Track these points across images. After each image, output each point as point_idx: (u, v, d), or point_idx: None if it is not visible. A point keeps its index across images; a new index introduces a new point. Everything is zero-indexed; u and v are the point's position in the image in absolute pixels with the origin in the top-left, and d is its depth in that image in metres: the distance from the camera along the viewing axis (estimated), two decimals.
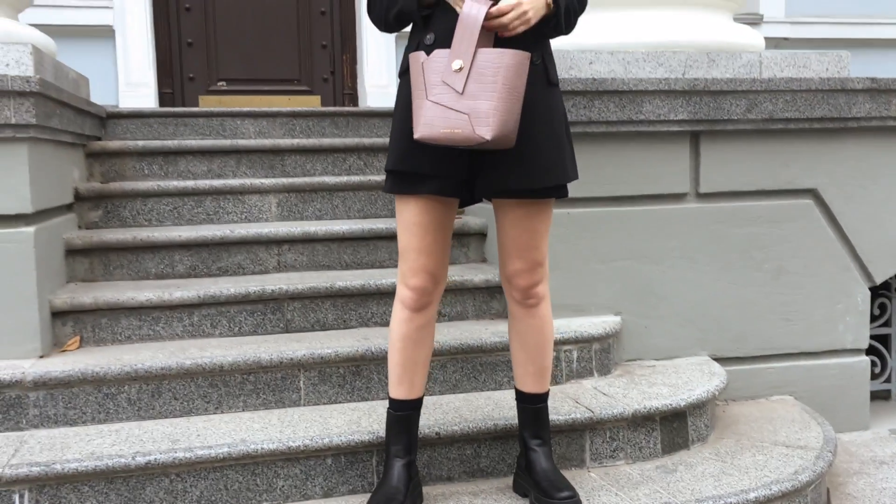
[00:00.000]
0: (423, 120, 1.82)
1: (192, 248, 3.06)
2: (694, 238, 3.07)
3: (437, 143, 1.83)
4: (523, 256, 2.10)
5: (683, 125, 2.98)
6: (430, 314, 2.16)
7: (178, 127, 3.88)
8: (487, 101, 1.82)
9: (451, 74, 1.83)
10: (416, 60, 1.88)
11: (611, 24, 3.12)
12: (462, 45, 1.84)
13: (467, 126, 1.81)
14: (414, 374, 2.17)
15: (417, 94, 1.86)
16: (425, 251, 2.07)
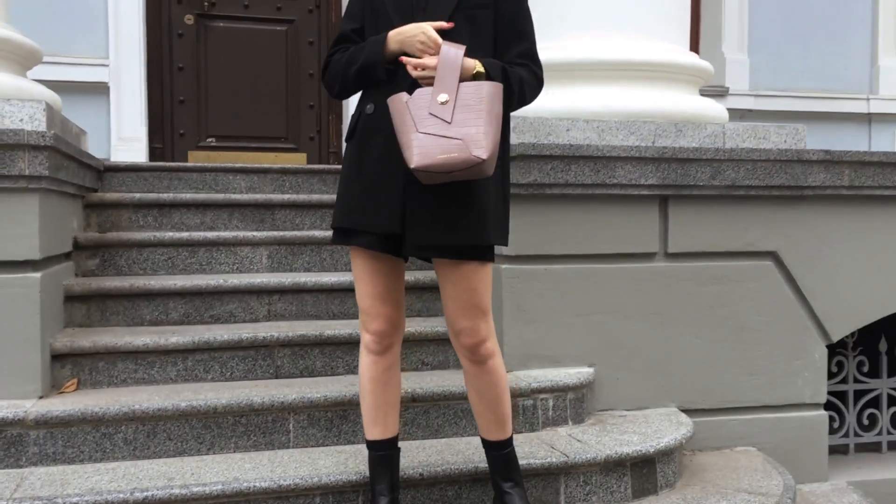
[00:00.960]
0: (416, 151, 1.94)
1: (186, 297, 3.20)
2: (663, 295, 3.26)
3: (435, 170, 1.94)
4: (464, 314, 2.17)
5: (653, 189, 3.20)
6: (394, 356, 2.33)
7: (171, 181, 4.05)
8: (476, 127, 1.99)
9: (438, 107, 1.99)
10: (398, 100, 2.00)
11: (586, 96, 3.36)
12: (446, 81, 2.01)
13: (464, 149, 1.95)
14: (387, 415, 2.32)
15: (404, 129, 1.98)
16: (379, 297, 2.24)
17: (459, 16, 2.11)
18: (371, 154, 2.16)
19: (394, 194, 2.11)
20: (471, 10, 2.13)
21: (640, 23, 3.46)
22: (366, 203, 2.15)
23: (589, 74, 3.41)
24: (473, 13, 2.13)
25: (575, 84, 3.40)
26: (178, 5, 5.52)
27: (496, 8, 2.16)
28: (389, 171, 2.12)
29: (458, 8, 2.11)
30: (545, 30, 3.42)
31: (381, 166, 2.13)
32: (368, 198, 2.15)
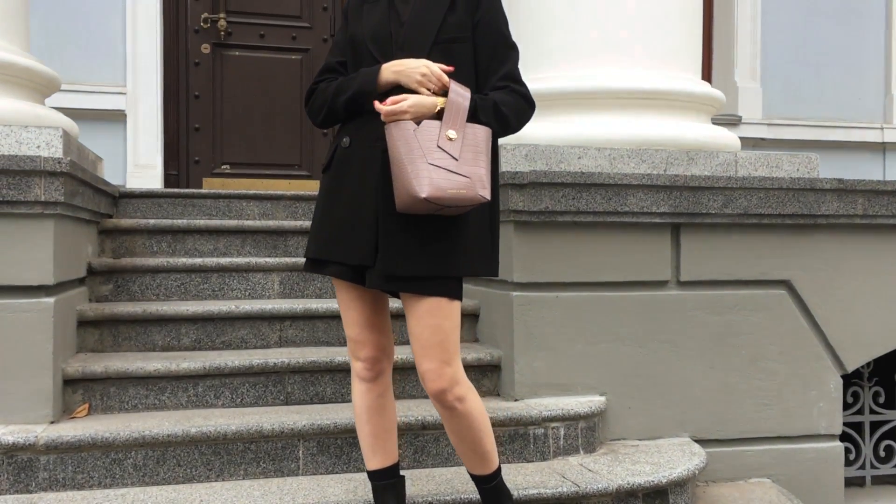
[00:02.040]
0: (427, 181, 1.94)
1: (198, 322, 3.21)
2: (675, 323, 3.24)
3: (440, 203, 1.96)
4: (427, 355, 2.09)
5: (665, 217, 3.20)
6: (386, 382, 2.31)
7: (185, 207, 4.08)
8: (482, 168, 2.04)
9: (447, 142, 2.01)
10: (405, 129, 2.00)
11: (598, 124, 3.37)
12: (455, 120, 2.04)
13: (471, 188, 1.99)
14: (385, 441, 2.31)
15: (411, 158, 1.97)
16: (367, 325, 2.24)
17: (436, 50, 2.12)
18: (346, 186, 2.16)
19: (367, 226, 2.10)
20: (447, 45, 2.13)
21: (652, 51, 3.48)
22: (339, 234, 2.14)
23: (600, 103, 3.43)
24: (450, 47, 2.13)
25: (586, 112, 3.41)
26: (195, 35, 5.60)
27: (475, 39, 2.16)
28: (363, 204, 2.11)
29: (435, 42, 2.12)
30: (556, 59, 3.47)
31: (356, 198, 2.13)
32: (342, 229, 2.14)
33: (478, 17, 2.15)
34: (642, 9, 3.46)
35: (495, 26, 2.18)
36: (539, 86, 3.46)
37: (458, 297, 2.12)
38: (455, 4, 2.15)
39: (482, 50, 2.16)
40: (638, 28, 3.45)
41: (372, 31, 2.19)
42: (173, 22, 5.55)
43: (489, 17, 2.17)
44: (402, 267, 2.06)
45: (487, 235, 2.15)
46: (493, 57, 2.16)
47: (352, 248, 2.12)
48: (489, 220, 2.17)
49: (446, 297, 2.09)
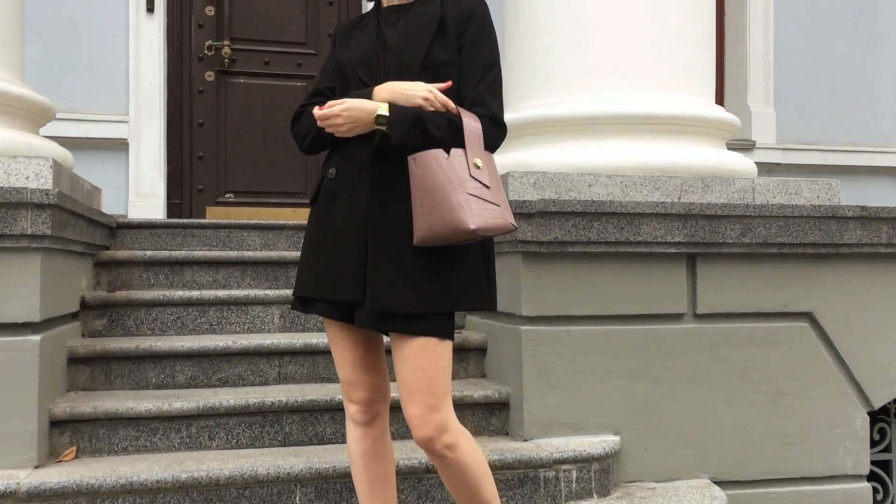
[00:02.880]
0: (468, 213, 1.84)
1: (193, 359, 3.08)
2: (692, 358, 3.09)
3: (487, 233, 1.88)
4: (412, 400, 1.95)
5: (680, 247, 3.06)
6: (383, 426, 2.17)
7: (185, 238, 3.97)
8: (501, 195, 1.95)
9: (476, 171, 1.92)
10: (438, 158, 1.89)
11: (609, 150, 3.24)
12: (476, 149, 1.95)
13: (505, 217, 1.91)
14: (383, 490, 2.16)
15: (450, 188, 1.87)
16: (360, 366, 2.11)
17: (423, 74, 2.01)
18: (333, 220, 2.05)
19: (356, 262, 1.98)
20: (435, 69, 2.02)
21: (664, 75, 3.36)
22: (327, 270, 2.03)
23: (611, 128, 3.31)
24: (437, 70, 2.02)
25: (597, 138, 3.29)
26: (199, 62, 5.53)
27: (461, 61, 2.05)
28: (351, 238, 2.00)
29: (422, 67, 2.02)
30: (564, 83, 3.36)
31: (344, 233, 2.02)
32: (330, 265, 2.03)
33: (464, 39, 2.05)
34: (653, 31, 3.34)
35: (478, 48, 2.05)
36: (546, 111, 3.36)
37: (448, 336, 1.98)
38: (444, 27, 2.04)
39: (463, 71, 2.04)
40: (649, 51, 3.34)
41: (360, 56, 2.09)
42: (177, 49, 5.49)
43: (474, 39, 2.05)
44: (391, 304, 1.93)
45: (481, 268, 2.01)
46: (469, 79, 2.04)
47: (340, 284, 2.01)
48: (481, 251, 2.03)
49: (435, 336, 1.94)
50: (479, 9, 2.07)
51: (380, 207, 1.97)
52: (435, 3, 2.07)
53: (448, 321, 1.97)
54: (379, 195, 1.97)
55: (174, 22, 5.48)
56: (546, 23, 3.44)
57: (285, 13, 5.64)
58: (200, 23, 5.52)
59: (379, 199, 1.97)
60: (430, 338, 1.94)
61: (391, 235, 1.95)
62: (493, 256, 2.09)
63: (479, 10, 2.07)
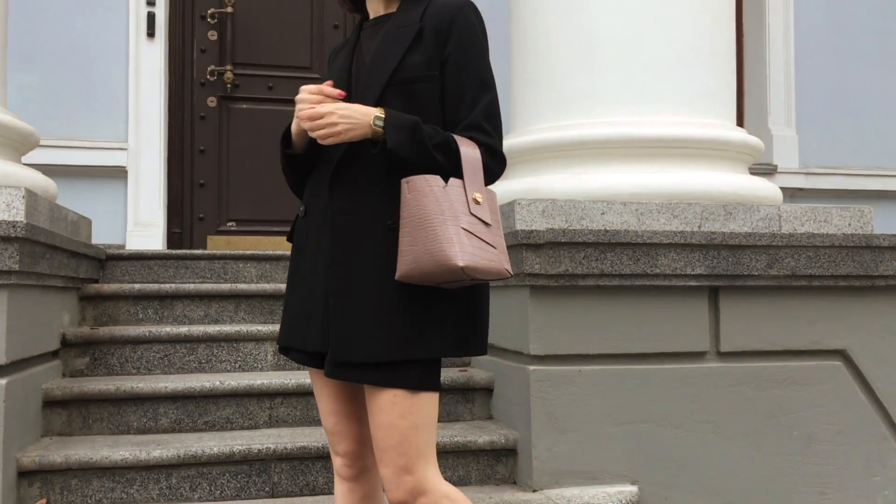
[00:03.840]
0: (458, 248, 1.62)
1: (178, 401, 2.88)
2: (716, 400, 2.85)
3: (476, 274, 1.65)
4: (383, 459, 1.71)
5: (701, 280, 2.84)
6: (371, 482, 1.93)
7: (178, 269, 3.78)
8: (500, 237, 1.73)
9: (476, 206, 1.70)
10: (434, 185, 1.68)
11: (623, 176, 3.04)
12: (476, 181, 1.73)
13: (499, 261, 1.69)
14: None
15: (441, 219, 1.65)
16: (344, 414, 1.89)
17: (391, 92, 1.77)
18: (303, 262, 1.85)
19: (320, 308, 1.78)
20: (407, 85, 1.78)
21: (682, 96, 3.16)
22: (297, 317, 1.84)
23: (625, 152, 3.10)
24: (411, 87, 1.78)
25: (610, 163, 3.08)
26: (200, 88, 5.38)
27: (443, 78, 1.79)
28: (316, 283, 1.79)
29: (391, 83, 1.78)
30: (575, 105, 3.16)
31: (311, 276, 1.82)
32: (300, 311, 1.84)
33: (447, 52, 1.79)
34: (669, 50, 3.14)
35: (466, 64, 1.79)
36: (556, 135, 3.16)
37: (425, 387, 1.72)
38: (421, 38, 1.79)
39: (449, 92, 1.79)
40: (665, 71, 3.14)
41: (336, 76, 1.89)
42: (178, 75, 5.35)
43: (460, 53, 1.79)
44: (353, 352, 1.70)
45: (462, 307, 1.76)
46: (460, 101, 1.79)
47: (308, 333, 1.80)
48: (465, 289, 1.78)
49: (404, 388, 1.69)
50: (463, 15, 1.80)
51: (342, 245, 1.76)
52: (416, 11, 1.83)
53: (424, 370, 1.72)
54: (342, 231, 1.76)
55: (176, 47, 5.34)
56: (555, 43, 3.25)
57: (289, 37, 5.50)
58: (203, 48, 5.38)
59: (342, 235, 1.76)
60: (399, 390, 1.70)
61: (354, 276, 1.73)
62: (486, 296, 1.87)
63: (463, 16, 1.80)
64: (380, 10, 1.91)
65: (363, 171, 1.77)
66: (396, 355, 1.69)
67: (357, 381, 1.76)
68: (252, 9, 5.43)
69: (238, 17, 5.39)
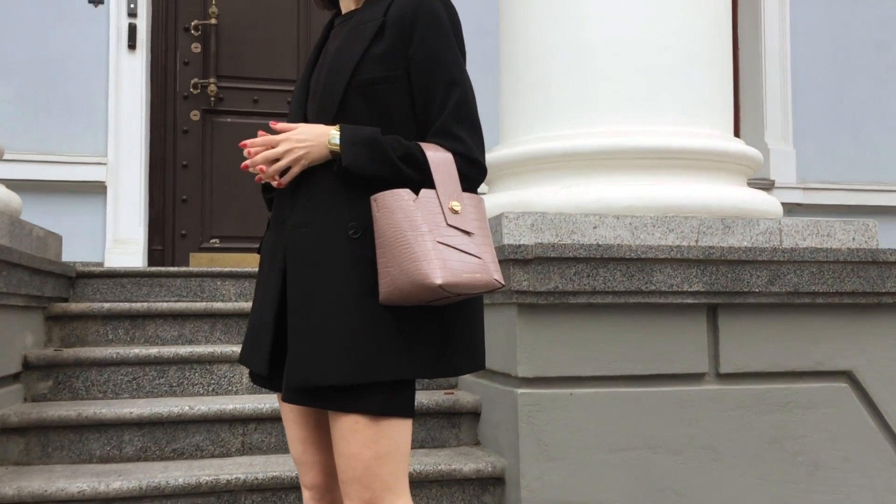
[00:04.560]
0: (438, 264, 1.48)
1: (144, 427, 2.70)
2: (716, 425, 2.69)
3: (458, 290, 1.50)
4: (347, 492, 1.57)
5: (699, 297, 2.68)
6: None
7: (153, 288, 3.62)
8: (487, 245, 1.57)
9: (453, 216, 1.55)
10: (403, 199, 1.52)
11: (616, 188, 2.89)
12: (450, 187, 1.57)
13: (486, 271, 1.53)
14: None
15: (415, 235, 1.50)
16: (312, 443, 1.73)
17: (352, 95, 1.62)
18: (261, 280, 1.72)
19: (267, 328, 1.63)
20: (369, 87, 1.61)
21: (678, 105, 3.02)
22: (251, 337, 1.71)
23: (619, 164, 2.95)
24: (373, 89, 1.61)
25: (602, 175, 2.94)
26: (184, 101, 5.24)
27: (411, 79, 1.62)
28: (266, 301, 1.66)
29: (351, 86, 1.62)
30: (565, 115, 3.02)
31: (265, 295, 1.68)
32: (254, 329, 1.70)
33: (412, 49, 1.62)
34: (665, 57, 3.01)
35: (432, 60, 1.62)
36: (546, 146, 3.02)
37: (391, 413, 1.54)
38: (383, 33, 1.62)
39: (417, 93, 1.63)
40: (660, 79, 3.00)
41: (300, 80, 1.75)
42: (161, 88, 5.20)
43: (426, 48, 1.61)
44: (309, 374, 1.55)
45: (438, 321, 1.59)
46: (429, 103, 1.62)
47: (257, 352, 1.66)
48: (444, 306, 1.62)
49: (367, 414, 1.53)
50: (427, 5, 1.62)
51: (299, 261, 1.61)
52: (383, 4, 1.66)
53: (389, 394, 1.54)
54: (299, 246, 1.61)
55: (158, 59, 5.20)
56: (546, 50, 3.11)
57: (275, 49, 5.36)
58: (186, 60, 5.24)
59: (299, 250, 1.61)
60: (360, 416, 1.54)
61: (312, 291, 1.58)
62: (478, 310, 1.71)
63: (427, 6, 1.62)
64: (351, 5, 1.76)
65: (323, 182, 1.62)
66: (356, 377, 1.53)
67: (314, 406, 1.61)
68: (237, 20, 5.30)
69: (223, 28, 5.26)
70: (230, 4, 5.28)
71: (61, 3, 4.94)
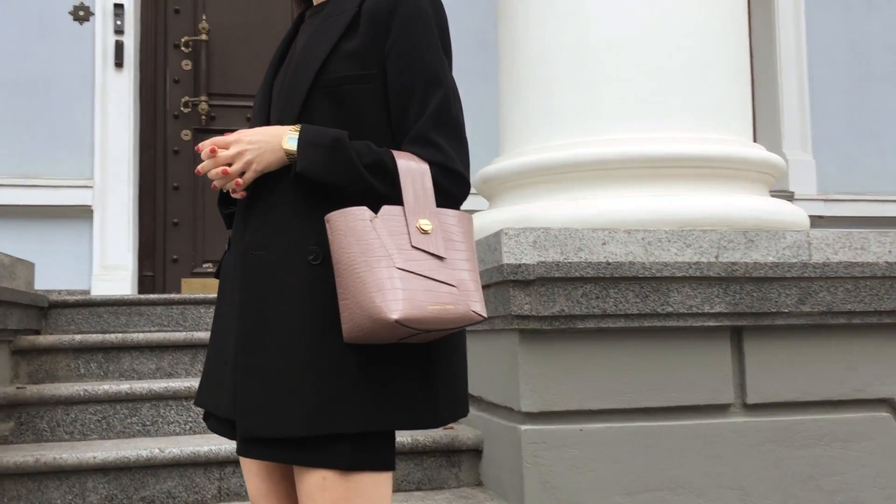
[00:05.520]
0: (400, 294, 1.23)
1: (109, 473, 2.45)
2: (744, 462, 2.41)
3: (423, 325, 1.24)
4: None
5: (721, 319, 2.41)
6: None
7: (131, 317, 3.38)
8: (467, 271, 1.31)
9: (421, 237, 1.30)
10: (357, 217, 1.26)
11: (627, 200, 2.64)
12: (421, 202, 1.32)
13: (461, 302, 1.28)
14: None
15: (372, 261, 1.26)
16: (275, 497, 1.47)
17: (317, 96, 1.38)
18: (220, 306, 1.48)
19: (229, 364, 1.39)
20: (337, 87, 1.37)
21: (692, 109, 2.77)
22: (209, 375, 1.46)
23: (629, 173, 2.71)
24: (342, 91, 1.37)
25: (611, 186, 2.69)
26: (174, 120, 5.03)
27: (387, 79, 1.38)
28: (227, 332, 1.42)
29: (315, 86, 1.38)
30: (569, 121, 2.78)
31: (226, 323, 1.44)
32: (211, 365, 1.46)
33: (389, 45, 1.38)
34: (677, 58, 2.77)
35: (411, 57, 1.38)
36: (549, 156, 2.78)
37: (362, 466, 1.30)
38: (357, 27, 1.39)
39: (393, 95, 1.38)
40: (673, 81, 2.76)
41: (264, 80, 1.52)
42: (150, 107, 5.00)
43: (404, 44, 1.37)
44: (263, 424, 1.29)
45: (412, 361, 1.33)
46: (406, 106, 1.38)
47: (220, 393, 1.41)
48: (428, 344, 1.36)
49: (335, 469, 1.29)
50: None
51: (252, 288, 1.36)
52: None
53: (361, 444, 1.30)
54: (252, 271, 1.37)
55: (147, 77, 5.01)
56: (547, 52, 2.88)
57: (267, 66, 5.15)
58: (176, 78, 5.04)
59: (252, 276, 1.36)
60: (329, 471, 1.29)
61: (265, 326, 1.33)
62: (459, 347, 1.45)
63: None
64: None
65: (283, 196, 1.38)
66: (315, 428, 1.28)
67: (272, 461, 1.35)
68: (228, 37, 5.10)
69: (213, 45, 5.06)
70: (221, 20, 5.09)
71: (44, 21, 4.76)
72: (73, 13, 4.81)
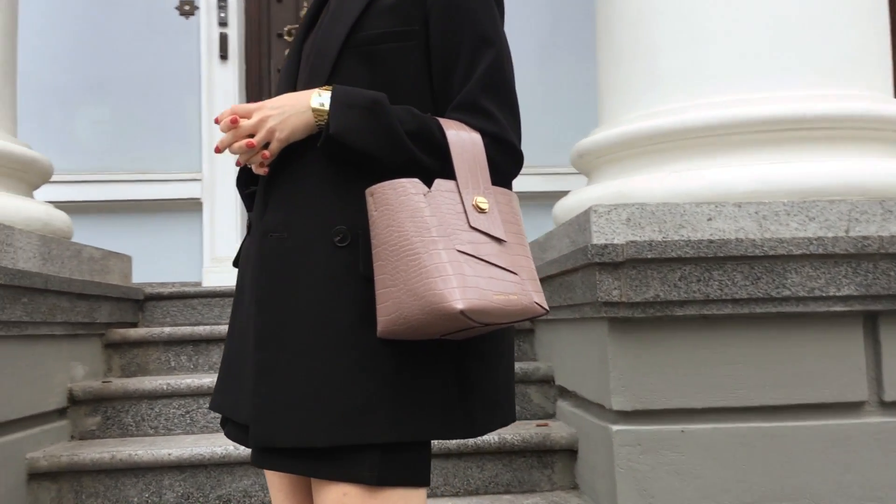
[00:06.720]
0: (458, 280, 1.04)
1: (186, 471, 2.38)
2: (880, 469, 2.06)
3: (490, 319, 1.06)
4: None
5: (852, 303, 2.06)
6: None
7: (224, 308, 3.34)
8: (525, 257, 1.13)
9: (478, 216, 1.11)
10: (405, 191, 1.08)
11: (737, 169, 2.31)
12: (476, 177, 1.13)
13: (524, 293, 1.09)
14: None
15: (424, 243, 1.07)
16: None
17: (350, 57, 1.19)
18: (239, 298, 1.30)
19: (248, 368, 1.20)
20: (373, 46, 1.18)
21: (813, 63, 2.40)
22: (226, 377, 1.29)
23: (740, 139, 2.37)
24: (378, 50, 1.18)
25: (719, 154, 2.37)
26: None
27: (430, 36, 1.19)
28: (246, 327, 1.23)
29: (348, 45, 1.19)
30: (671, 84, 2.48)
31: (242, 317, 1.26)
32: (230, 365, 1.29)
33: (431, 2, 1.18)
34: (794, 7, 2.40)
35: (459, 12, 1.18)
36: (649, 124, 2.48)
37: (390, 482, 1.11)
38: None
39: (437, 56, 1.19)
40: (792, 30, 2.40)
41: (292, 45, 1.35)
42: (255, 97, 5.01)
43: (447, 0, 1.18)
44: (279, 432, 1.12)
45: (450, 365, 1.14)
46: (452, 68, 1.18)
47: (240, 397, 1.24)
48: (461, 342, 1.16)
49: (358, 483, 1.11)
50: None
51: (270, 276, 1.18)
52: None
53: (389, 456, 1.11)
54: (271, 257, 1.19)
55: (252, 68, 5.01)
56: (649, 9, 2.58)
57: None
58: (280, 68, 5.01)
59: (270, 262, 1.19)
60: (351, 485, 1.11)
61: (284, 321, 1.15)
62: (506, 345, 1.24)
63: None
64: None
65: (305, 171, 1.20)
66: (335, 438, 1.11)
67: (288, 472, 1.18)
68: None
69: None
70: None
71: (152, 17, 4.84)
72: (178, 8, 4.86)
